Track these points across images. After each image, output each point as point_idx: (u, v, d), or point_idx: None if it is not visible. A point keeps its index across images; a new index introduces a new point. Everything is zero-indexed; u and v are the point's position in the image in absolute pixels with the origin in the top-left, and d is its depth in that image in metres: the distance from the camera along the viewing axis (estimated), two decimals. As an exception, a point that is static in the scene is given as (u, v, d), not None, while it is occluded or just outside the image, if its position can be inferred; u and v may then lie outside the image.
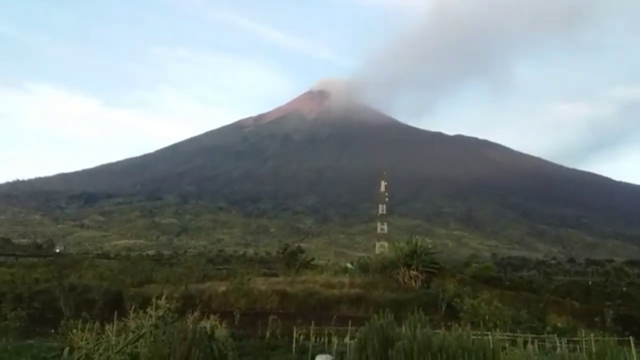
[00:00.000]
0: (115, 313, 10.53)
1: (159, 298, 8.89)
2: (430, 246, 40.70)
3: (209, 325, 10.26)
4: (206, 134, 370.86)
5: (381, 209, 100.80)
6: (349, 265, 49.85)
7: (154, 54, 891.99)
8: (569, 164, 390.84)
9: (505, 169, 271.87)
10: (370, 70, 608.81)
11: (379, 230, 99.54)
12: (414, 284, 34.02)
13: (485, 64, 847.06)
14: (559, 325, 26.81)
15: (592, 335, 18.98)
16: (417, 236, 41.63)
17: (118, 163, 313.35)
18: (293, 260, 45.18)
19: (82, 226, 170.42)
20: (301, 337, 19.22)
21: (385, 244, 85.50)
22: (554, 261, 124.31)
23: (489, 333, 12.95)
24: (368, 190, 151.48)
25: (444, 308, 28.08)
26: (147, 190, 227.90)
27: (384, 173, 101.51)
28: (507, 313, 24.36)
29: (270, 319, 21.88)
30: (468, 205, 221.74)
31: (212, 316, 11.95)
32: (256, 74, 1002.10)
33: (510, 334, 18.37)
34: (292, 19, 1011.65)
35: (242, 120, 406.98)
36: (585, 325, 25.91)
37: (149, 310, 8.64)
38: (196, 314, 10.87)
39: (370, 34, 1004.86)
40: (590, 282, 58.22)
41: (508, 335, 17.83)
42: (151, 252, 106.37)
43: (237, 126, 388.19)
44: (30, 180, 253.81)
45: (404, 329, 7.62)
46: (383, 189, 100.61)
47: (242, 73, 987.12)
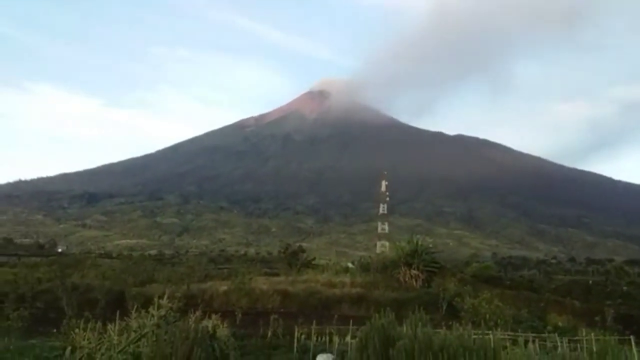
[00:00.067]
0: (118, 312, 10.60)
1: (160, 297, 8.93)
2: (431, 246, 40.64)
3: (210, 325, 10.31)
4: (207, 134, 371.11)
5: (382, 209, 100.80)
6: (350, 265, 49.88)
7: (154, 54, 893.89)
8: (569, 163, 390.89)
9: (506, 169, 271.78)
10: (370, 70, 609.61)
11: (379, 229, 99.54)
12: (414, 283, 34.05)
13: (486, 64, 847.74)
14: (559, 324, 26.82)
15: (593, 334, 19.00)
16: (418, 236, 41.66)
17: (119, 163, 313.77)
18: (294, 259, 45.20)
19: (84, 226, 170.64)
20: (302, 337, 19.24)
21: (386, 244, 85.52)
22: (554, 260, 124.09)
23: (490, 332, 12.99)
24: (369, 190, 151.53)
25: (444, 307, 28.10)
26: (149, 190, 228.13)
27: (385, 173, 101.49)
28: (508, 312, 24.36)
29: (271, 318, 21.93)
30: (469, 204, 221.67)
31: (214, 316, 12.00)
32: (256, 74, 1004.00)
33: (511, 333, 18.39)
34: (292, 19, 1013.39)
35: (243, 121, 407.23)
36: (586, 324, 25.94)
37: (151, 309, 8.67)
38: (198, 313, 10.91)
39: (370, 34, 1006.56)
40: (590, 282, 58.13)
41: (509, 335, 17.85)
42: (153, 252, 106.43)
43: (238, 126, 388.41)
44: (32, 181, 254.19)
45: (405, 328, 7.65)
46: (384, 188, 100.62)
47: (242, 73, 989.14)
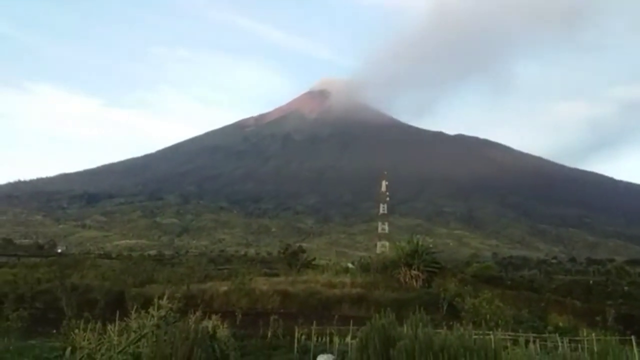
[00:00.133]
0: (117, 313, 10.58)
1: (160, 298, 8.90)
2: (431, 246, 40.61)
3: (210, 325, 10.29)
4: (207, 134, 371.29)
5: (382, 209, 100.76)
6: (350, 265, 49.85)
7: (154, 54, 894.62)
8: (570, 163, 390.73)
9: (506, 169, 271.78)
10: (370, 70, 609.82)
11: (380, 229, 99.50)
12: (415, 283, 34.01)
13: (486, 64, 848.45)
14: (560, 324, 26.79)
15: (594, 334, 18.97)
16: (418, 236, 41.65)
17: (119, 163, 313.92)
18: (294, 260, 45.18)
19: (84, 226, 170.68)
20: (303, 337, 19.21)
21: (387, 244, 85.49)
22: (555, 260, 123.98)
23: (491, 332, 12.96)
24: (369, 189, 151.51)
25: (445, 307, 28.06)
26: (149, 191, 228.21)
27: (385, 173, 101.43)
28: (509, 312, 24.35)
29: (271, 318, 21.90)
30: (469, 204, 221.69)
31: (214, 316, 11.97)
32: (256, 74, 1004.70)
33: (512, 334, 18.37)
34: (292, 19, 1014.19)
35: (243, 120, 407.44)
36: (587, 324, 25.92)
37: (150, 310, 8.64)
38: (198, 314, 10.87)
39: (370, 34, 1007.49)
40: (591, 282, 58.03)
41: (509, 335, 17.83)
42: (153, 252, 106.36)
43: (238, 126, 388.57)
44: (31, 181, 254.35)
45: (405, 329, 7.63)
46: (384, 188, 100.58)
47: (242, 73, 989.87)
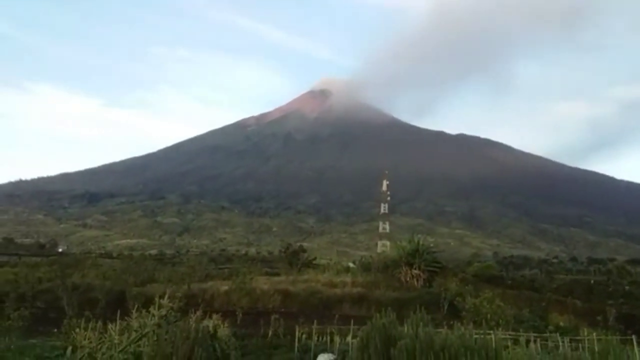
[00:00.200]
0: (118, 312, 10.56)
1: (161, 297, 8.90)
2: (432, 245, 40.53)
3: (211, 325, 10.28)
4: (208, 133, 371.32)
5: (383, 208, 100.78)
6: (351, 265, 49.84)
7: (154, 54, 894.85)
8: (571, 163, 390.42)
9: (507, 168, 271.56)
10: (371, 69, 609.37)
11: (380, 229, 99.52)
12: (416, 283, 34.00)
13: (486, 64, 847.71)
14: (561, 324, 26.78)
15: (595, 334, 18.96)
16: (419, 235, 41.57)
17: (120, 163, 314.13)
18: (295, 259, 45.19)
19: (85, 226, 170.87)
20: (303, 336, 19.19)
21: (387, 243, 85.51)
22: (556, 260, 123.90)
23: (491, 332, 12.95)
24: (370, 189, 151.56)
25: (446, 307, 28.05)
26: (150, 190, 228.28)
27: (386, 172, 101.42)
28: (509, 312, 24.33)
29: (272, 318, 21.88)
30: (470, 204, 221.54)
31: (215, 315, 11.94)
32: (256, 74, 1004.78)
33: (513, 333, 18.35)
34: (293, 19, 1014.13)
35: (244, 120, 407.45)
36: (588, 324, 25.90)
37: (151, 309, 8.65)
38: (199, 313, 10.88)
39: (370, 33, 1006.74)
40: (592, 281, 57.94)
41: (510, 334, 17.81)
42: (153, 252, 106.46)
43: (239, 125, 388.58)
44: (32, 180, 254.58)
45: (406, 328, 7.63)
46: (385, 188, 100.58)
47: (243, 73, 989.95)
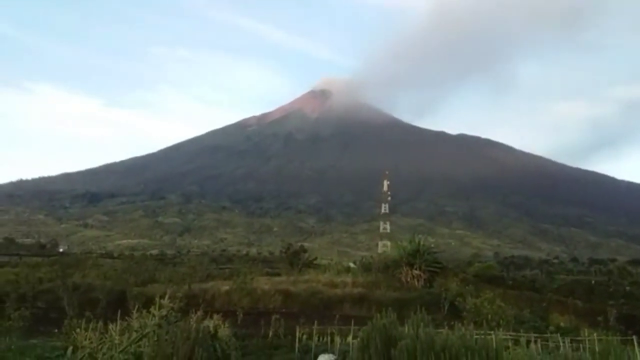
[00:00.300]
0: (119, 312, 10.56)
1: (162, 297, 8.90)
2: (432, 245, 40.59)
3: (212, 325, 10.29)
4: (209, 133, 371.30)
5: (384, 208, 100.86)
6: (351, 265, 49.80)
7: (154, 54, 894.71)
8: (571, 163, 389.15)
9: (508, 168, 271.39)
10: (371, 69, 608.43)
11: (381, 229, 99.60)
12: (416, 283, 33.99)
13: (487, 64, 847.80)
14: (561, 324, 26.76)
15: (595, 334, 18.94)
16: (420, 235, 41.56)
17: (121, 163, 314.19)
18: (296, 259, 45.17)
19: (86, 226, 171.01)
20: (304, 337, 19.20)
21: (388, 243, 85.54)
22: (556, 260, 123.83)
23: (492, 332, 12.95)
24: (370, 189, 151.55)
25: (446, 307, 28.03)
26: (150, 190, 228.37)
27: (387, 172, 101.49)
28: (510, 312, 24.30)
29: (273, 318, 21.87)
30: (471, 204, 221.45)
31: (215, 315, 11.96)
32: (256, 74, 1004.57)
33: (513, 334, 18.34)
34: (293, 19, 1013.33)
35: (245, 120, 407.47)
36: (588, 324, 25.86)
37: (152, 309, 8.65)
38: (199, 313, 10.88)
39: (370, 33, 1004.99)
40: (593, 282, 57.90)
41: (511, 335, 17.79)
42: (154, 252, 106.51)
43: (240, 125, 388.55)
44: (33, 180, 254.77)
45: (406, 329, 7.63)
46: (386, 188, 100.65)
47: (243, 73, 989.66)
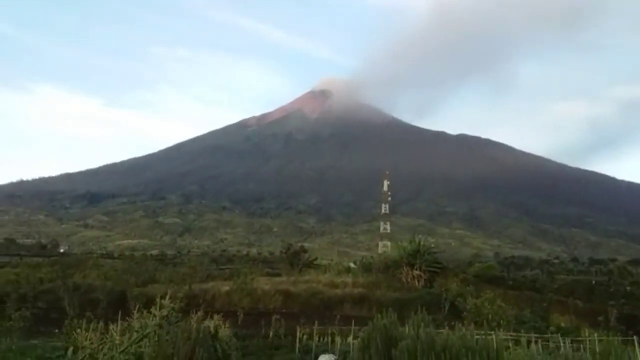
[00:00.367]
0: (120, 313, 10.58)
1: (163, 298, 8.90)
2: (433, 246, 40.62)
3: (212, 325, 10.28)
4: (209, 133, 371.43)
5: (384, 209, 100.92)
6: (352, 265, 49.83)
7: (155, 54, 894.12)
8: (571, 163, 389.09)
9: (508, 169, 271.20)
10: (371, 69, 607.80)
11: (382, 229, 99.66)
12: (417, 283, 33.99)
13: (487, 64, 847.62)
14: (562, 325, 26.74)
15: (596, 335, 18.94)
16: (420, 236, 41.61)
17: (122, 163, 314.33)
18: (296, 260, 45.20)
19: (86, 226, 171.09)
20: (305, 337, 19.21)
21: (389, 244, 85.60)
22: (557, 261, 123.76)
23: (493, 333, 12.95)
24: (371, 189, 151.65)
25: (447, 308, 28.03)
26: (151, 191, 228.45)
27: (387, 173, 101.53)
28: (511, 313, 24.28)
29: (273, 318, 21.89)
30: (471, 204, 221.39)
31: (216, 316, 11.95)
32: (256, 74, 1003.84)
33: (514, 334, 18.34)
34: (293, 19, 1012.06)
35: (246, 120, 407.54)
36: (589, 324, 25.85)
37: (153, 310, 8.65)
38: (200, 314, 10.87)
39: (370, 34, 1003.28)
40: (593, 282, 57.89)
41: (512, 335, 17.79)
42: (155, 252, 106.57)
43: (241, 126, 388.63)
44: (34, 181, 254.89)
45: (407, 329, 7.63)
46: (386, 188, 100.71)
47: (243, 73, 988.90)
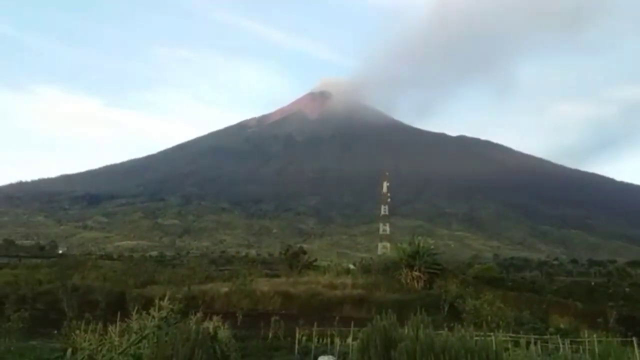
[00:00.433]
0: (118, 314, 10.58)
1: (161, 299, 8.89)
2: (432, 247, 40.45)
3: (211, 326, 10.26)
4: (209, 134, 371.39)
5: (383, 210, 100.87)
6: (351, 266, 49.82)
7: (155, 54, 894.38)
8: (571, 164, 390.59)
9: (508, 170, 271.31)
10: (371, 70, 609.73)
11: (381, 231, 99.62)
12: (416, 284, 33.98)
13: (487, 65, 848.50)
14: (561, 326, 26.72)
15: (595, 336, 18.92)
16: (420, 237, 41.44)
17: (121, 164, 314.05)
18: (295, 261, 45.17)
19: (85, 227, 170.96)
20: (304, 338, 19.21)
21: (388, 245, 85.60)
22: (556, 262, 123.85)
23: (492, 334, 12.94)
24: (370, 190, 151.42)
25: (446, 309, 28.02)
26: (150, 191, 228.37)
27: (387, 174, 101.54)
28: (510, 314, 24.29)
29: (272, 319, 21.90)
30: (470, 205, 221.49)
31: (215, 317, 11.93)
32: (256, 74, 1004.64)
33: (513, 335, 18.34)
34: (293, 19, 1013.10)
35: (245, 121, 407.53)
36: (588, 326, 25.82)
37: (151, 311, 8.64)
38: (199, 315, 10.85)
39: (370, 34, 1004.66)
40: (592, 283, 57.88)
41: (511, 336, 17.80)
42: (154, 253, 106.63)
43: (240, 127, 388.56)
44: (33, 182, 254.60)
45: (406, 330, 7.62)
46: (385, 189, 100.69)
47: (243, 73, 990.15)
